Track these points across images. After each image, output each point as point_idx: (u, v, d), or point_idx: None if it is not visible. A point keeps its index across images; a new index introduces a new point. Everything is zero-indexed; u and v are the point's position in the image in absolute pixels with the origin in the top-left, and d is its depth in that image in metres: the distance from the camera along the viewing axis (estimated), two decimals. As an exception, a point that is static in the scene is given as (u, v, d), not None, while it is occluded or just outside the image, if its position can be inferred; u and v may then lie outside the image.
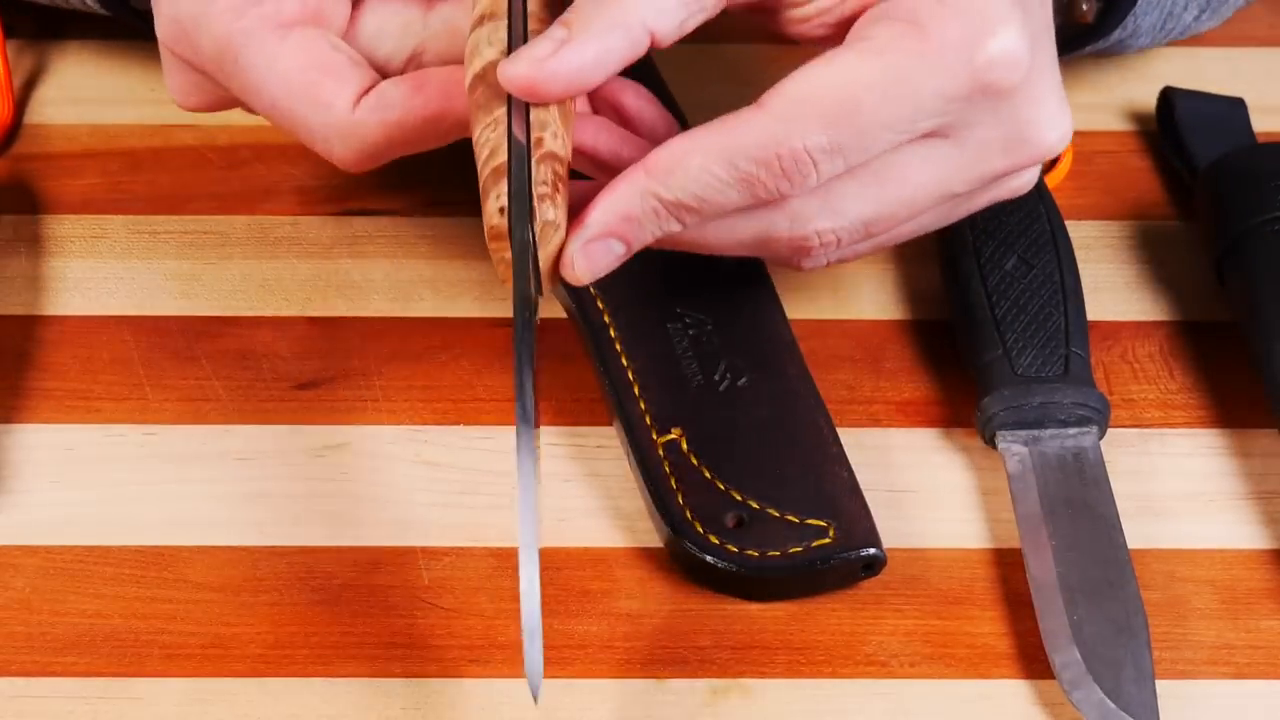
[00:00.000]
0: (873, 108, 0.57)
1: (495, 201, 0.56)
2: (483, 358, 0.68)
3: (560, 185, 0.57)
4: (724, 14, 0.61)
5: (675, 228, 0.58)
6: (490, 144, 0.57)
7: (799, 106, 0.57)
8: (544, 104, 0.58)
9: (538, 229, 0.57)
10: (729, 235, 0.60)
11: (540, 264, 0.57)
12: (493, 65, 0.58)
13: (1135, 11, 0.72)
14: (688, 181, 0.57)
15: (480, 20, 0.60)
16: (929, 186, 0.60)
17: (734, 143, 0.57)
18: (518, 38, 0.59)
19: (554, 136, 0.57)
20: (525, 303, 0.57)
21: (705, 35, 0.80)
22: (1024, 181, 0.62)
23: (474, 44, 0.60)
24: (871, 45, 0.58)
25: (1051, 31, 0.62)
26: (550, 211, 0.57)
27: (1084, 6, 0.71)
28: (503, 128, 0.57)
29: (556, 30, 0.58)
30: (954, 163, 0.60)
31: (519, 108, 0.57)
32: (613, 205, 0.58)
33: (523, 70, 0.57)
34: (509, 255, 0.57)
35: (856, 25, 0.59)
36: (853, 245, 0.61)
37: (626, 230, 0.58)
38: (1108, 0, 0.72)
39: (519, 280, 0.57)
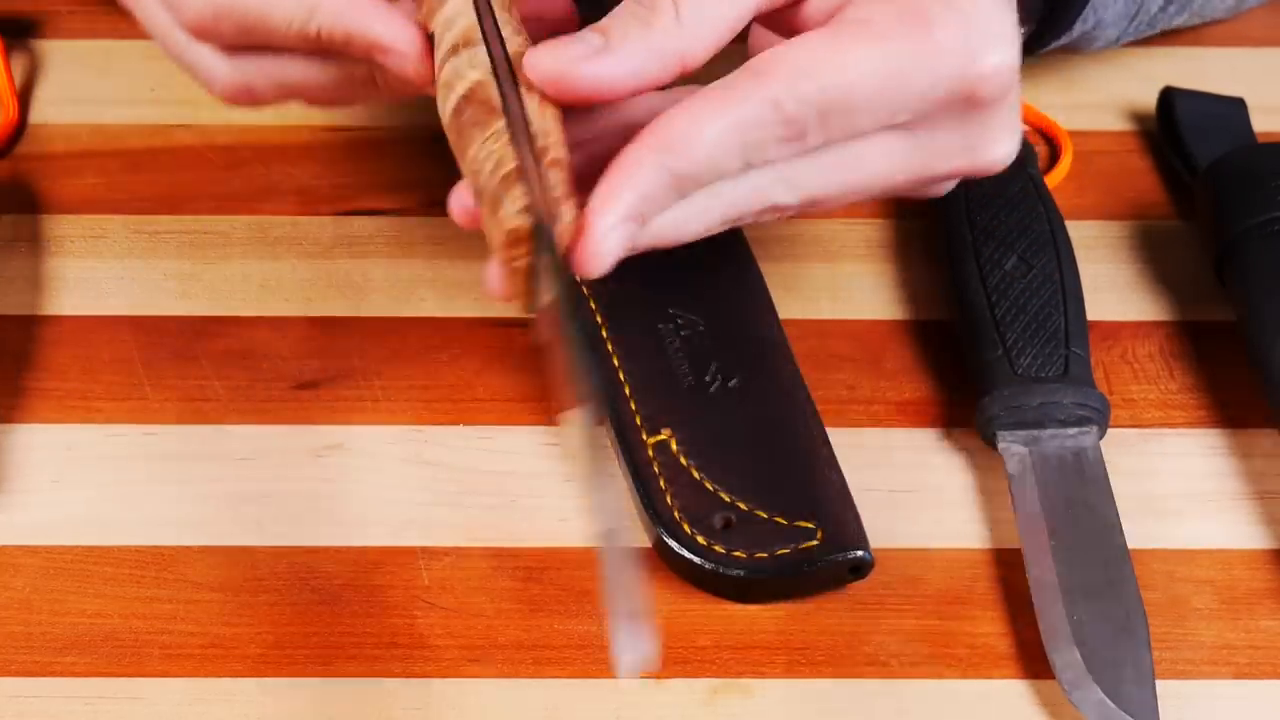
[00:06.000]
0: (865, 95, 0.58)
1: (512, 204, 0.55)
2: (483, 358, 0.68)
3: (572, 190, 0.57)
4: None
5: (677, 201, 0.58)
6: (496, 154, 0.57)
7: (801, 79, 0.57)
8: (557, 103, 0.58)
9: (558, 231, 0.55)
10: (703, 218, 0.60)
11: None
12: (481, 84, 0.58)
13: (1094, 5, 0.72)
14: (701, 152, 0.57)
15: (454, 49, 0.60)
16: (878, 176, 0.60)
17: (742, 110, 0.57)
18: (500, 60, 0.59)
19: (558, 144, 0.57)
20: (569, 294, 0.56)
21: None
22: (948, 188, 0.63)
23: (454, 71, 0.59)
24: (872, 30, 0.58)
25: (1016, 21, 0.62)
26: (569, 214, 0.56)
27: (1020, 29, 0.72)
28: (506, 137, 0.57)
29: (592, 36, 0.58)
30: (908, 159, 0.60)
31: (519, 122, 0.57)
32: (633, 185, 0.57)
33: (552, 65, 0.57)
34: (527, 262, 0.55)
35: (854, 4, 0.59)
36: (790, 215, 0.62)
37: (647, 209, 0.57)
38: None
39: (560, 274, 0.55)
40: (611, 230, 0.56)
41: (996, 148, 0.61)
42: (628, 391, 0.64)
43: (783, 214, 0.61)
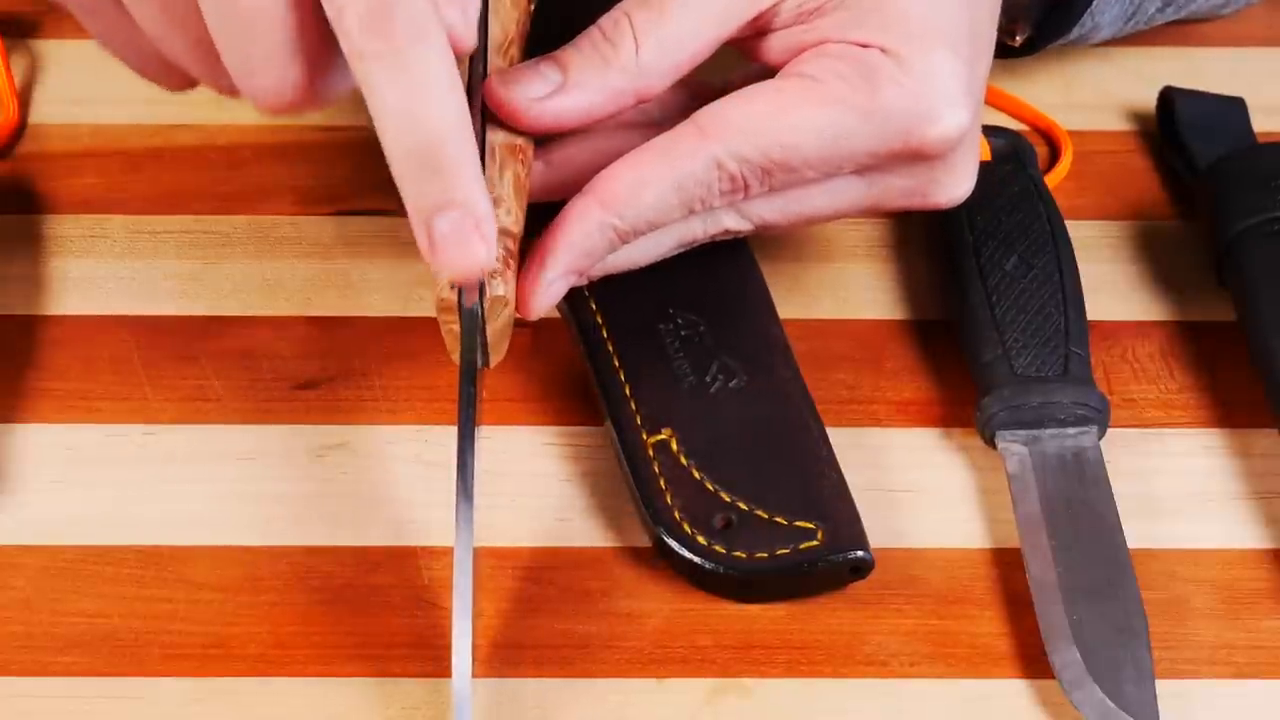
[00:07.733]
0: (807, 155, 0.61)
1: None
2: (483, 358, 0.68)
3: (510, 261, 0.59)
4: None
5: (621, 248, 0.62)
6: None
7: (743, 139, 0.60)
8: (517, 132, 0.61)
9: (487, 304, 0.58)
10: (654, 249, 0.64)
11: (488, 337, 0.59)
12: None
13: (1092, 11, 0.73)
14: (643, 210, 0.61)
15: None
16: (829, 209, 0.64)
17: (683, 169, 0.61)
18: (476, 109, 0.61)
19: (507, 213, 0.60)
20: (471, 375, 0.59)
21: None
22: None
23: None
24: (819, 90, 0.61)
25: (987, 71, 0.64)
26: (500, 287, 0.59)
27: (1017, 38, 0.74)
28: None
29: (550, 71, 0.61)
30: (857, 195, 0.64)
31: None
32: (573, 242, 0.61)
33: (507, 99, 0.61)
34: (457, 328, 0.58)
35: (810, 54, 0.62)
36: (746, 233, 0.65)
37: (589, 263, 0.62)
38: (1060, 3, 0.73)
39: (467, 353, 0.59)
40: (551, 284, 0.61)
41: (950, 190, 0.64)
42: (628, 391, 0.64)
43: (739, 234, 0.65)
